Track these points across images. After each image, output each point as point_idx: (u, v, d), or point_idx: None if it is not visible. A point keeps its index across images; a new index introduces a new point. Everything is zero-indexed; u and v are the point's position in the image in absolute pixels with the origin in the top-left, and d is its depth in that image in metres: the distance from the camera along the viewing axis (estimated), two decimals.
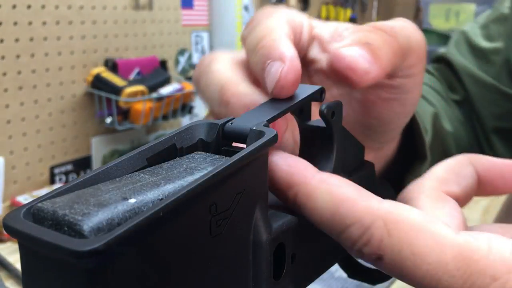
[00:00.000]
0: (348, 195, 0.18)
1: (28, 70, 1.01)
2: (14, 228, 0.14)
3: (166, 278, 0.15)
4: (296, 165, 0.19)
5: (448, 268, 0.16)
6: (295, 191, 0.19)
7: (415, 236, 0.17)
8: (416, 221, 0.17)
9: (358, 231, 0.17)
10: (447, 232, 0.17)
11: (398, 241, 0.17)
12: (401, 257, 0.17)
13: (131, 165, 0.18)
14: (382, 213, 0.17)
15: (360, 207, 0.17)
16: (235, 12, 1.46)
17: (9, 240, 0.89)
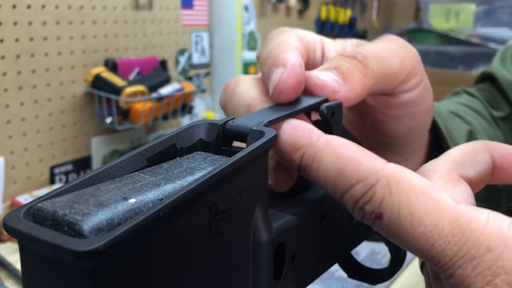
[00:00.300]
0: (353, 155, 0.18)
1: (28, 70, 1.01)
2: (14, 228, 0.14)
3: (166, 278, 0.15)
4: (301, 128, 0.19)
5: (444, 233, 0.17)
6: (301, 153, 0.19)
7: (415, 197, 0.17)
8: (418, 184, 0.18)
9: (362, 189, 0.18)
10: (447, 199, 0.17)
11: (398, 200, 0.17)
12: (399, 216, 0.17)
13: (131, 165, 0.18)
14: (386, 173, 0.18)
15: (365, 166, 0.18)
16: (235, 12, 1.46)
17: (9, 240, 0.89)
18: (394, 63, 0.26)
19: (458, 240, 0.16)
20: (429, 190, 0.17)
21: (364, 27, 2.60)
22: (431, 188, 0.18)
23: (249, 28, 1.68)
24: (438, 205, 0.17)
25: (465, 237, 0.16)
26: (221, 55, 1.51)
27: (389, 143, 0.29)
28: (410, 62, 0.27)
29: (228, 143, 0.21)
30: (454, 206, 0.17)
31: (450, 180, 0.20)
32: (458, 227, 0.16)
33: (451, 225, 0.17)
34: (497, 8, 2.09)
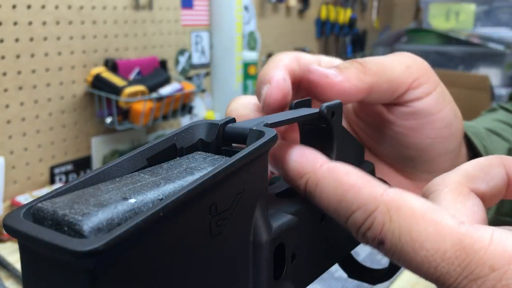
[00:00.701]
0: (354, 183, 0.19)
1: (28, 70, 1.01)
2: (14, 228, 0.14)
3: (166, 278, 0.15)
4: (306, 155, 0.20)
5: (446, 256, 0.17)
6: (305, 179, 0.20)
7: (415, 222, 0.17)
8: (418, 208, 0.18)
9: (362, 215, 0.18)
10: (448, 221, 0.17)
11: (398, 226, 0.18)
12: (401, 242, 0.17)
13: (131, 165, 0.18)
14: (385, 200, 0.18)
15: (365, 193, 0.18)
16: (235, 12, 1.46)
17: (9, 240, 0.89)
18: (397, 68, 0.27)
19: (461, 261, 0.16)
20: (430, 214, 0.18)
21: (364, 27, 2.60)
22: (432, 211, 0.18)
23: (249, 28, 1.68)
24: (440, 228, 0.17)
25: (468, 257, 0.16)
26: (221, 55, 1.51)
27: (414, 158, 0.29)
28: (417, 69, 0.27)
29: (228, 143, 0.21)
30: (456, 228, 0.17)
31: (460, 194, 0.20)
32: (461, 249, 0.17)
33: (454, 248, 0.17)
34: (497, 8, 2.09)
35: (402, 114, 0.28)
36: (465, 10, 2.11)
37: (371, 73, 0.25)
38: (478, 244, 0.17)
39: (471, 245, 0.17)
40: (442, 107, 0.28)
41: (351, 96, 0.25)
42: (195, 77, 1.48)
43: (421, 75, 0.27)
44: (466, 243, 0.17)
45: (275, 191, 0.23)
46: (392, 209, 0.18)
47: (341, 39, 2.35)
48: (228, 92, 1.53)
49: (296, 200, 0.22)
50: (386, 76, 0.26)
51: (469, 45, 1.98)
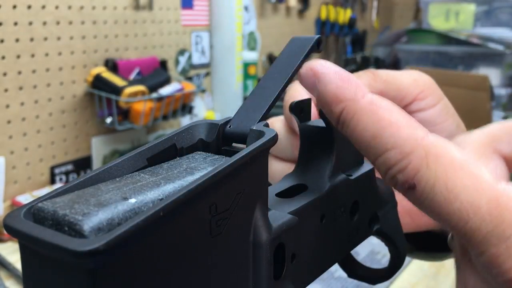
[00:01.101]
0: (394, 120, 0.18)
1: (28, 70, 1.01)
2: (14, 228, 0.14)
3: (166, 278, 0.15)
4: (349, 81, 0.19)
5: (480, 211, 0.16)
6: (343, 106, 0.19)
7: (453, 172, 0.17)
8: (457, 159, 0.17)
9: (397, 156, 0.17)
10: (487, 177, 0.17)
11: (435, 174, 0.17)
12: (434, 190, 0.17)
13: (131, 165, 0.18)
14: (425, 144, 0.17)
15: (405, 133, 0.17)
16: (235, 12, 1.46)
17: (10, 240, 0.89)
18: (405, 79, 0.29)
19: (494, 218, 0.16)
20: (468, 165, 0.17)
21: (364, 27, 2.60)
22: (471, 164, 0.17)
23: (249, 28, 1.68)
24: (477, 183, 0.16)
25: (502, 216, 0.16)
26: (221, 55, 1.51)
27: None
28: (423, 82, 0.30)
29: (228, 143, 0.21)
30: (494, 185, 0.16)
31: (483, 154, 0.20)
32: (496, 206, 0.16)
33: (489, 204, 0.16)
34: (497, 9, 2.09)
35: None
36: (465, 10, 2.11)
37: (381, 81, 0.28)
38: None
39: (507, 204, 0.16)
40: (445, 118, 0.30)
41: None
42: (195, 77, 1.48)
43: (426, 88, 0.29)
44: (502, 200, 0.16)
45: (275, 191, 0.23)
46: (431, 155, 0.17)
47: (341, 39, 2.35)
48: (228, 92, 1.53)
49: (296, 200, 0.22)
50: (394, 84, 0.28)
51: (469, 45, 1.98)
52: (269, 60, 1.85)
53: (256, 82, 1.56)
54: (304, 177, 0.24)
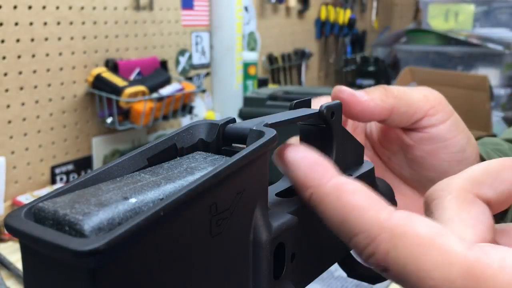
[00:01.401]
0: (358, 204, 0.18)
1: (29, 70, 1.01)
2: (15, 227, 0.14)
3: (167, 278, 0.15)
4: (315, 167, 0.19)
5: (455, 285, 0.16)
6: (310, 192, 0.19)
7: (422, 251, 0.16)
8: (424, 235, 0.17)
9: (364, 241, 0.17)
10: (456, 248, 0.16)
11: (403, 255, 0.17)
12: (406, 271, 0.17)
13: (131, 165, 0.18)
14: (390, 225, 0.17)
15: (368, 217, 0.17)
16: (235, 12, 1.46)
17: (10, 239, 0.89)
18: (416, 95, 0.30)
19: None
20: (436, 240, 0.17)
21: (364, 28, 2.60)
22: (439, 237, 0.17)
23: (249, 28, 1.68)
24: (447, 256, 0.16)
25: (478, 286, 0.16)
26: (221, 55, 1.51)
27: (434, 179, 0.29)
28: (434, 98, 0.30)
29: (228, 143, 0.21)
30: (465, 255, 0.16)
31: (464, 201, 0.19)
32: (469, 278, 0.16)
33: (462, 277, 0.16)
34: (496, 9, 2.09)
35: (420, 139, 0.31)
36: (464, 11, 2.11)
37: (393, 96, 0.28)
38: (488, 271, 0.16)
39: (481, 273, 0.16)
40: (455, 134, 0.31)
41: (375, 114, 0.28)
42: (195, 77, 1.48)
43: (437, 104, 0.30)
44: (475, 271, 0.16)
45: (275, 191, 0.23)
46: (397, 236, 0.17)
47: (340, 39, 2.35)
48: (228, 92, 1.53)
49: (296, 200, 0.22)
50: (406, 100, 0.29)
51: (468, 45, 1.98)
52: (269, 60, 1.85)
53: (256, 82, 1.56)
54: None
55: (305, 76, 2.10)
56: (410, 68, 1.77)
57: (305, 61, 2.07)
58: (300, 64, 2.05)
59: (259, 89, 1.41)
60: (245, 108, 1.24)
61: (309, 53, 2.07)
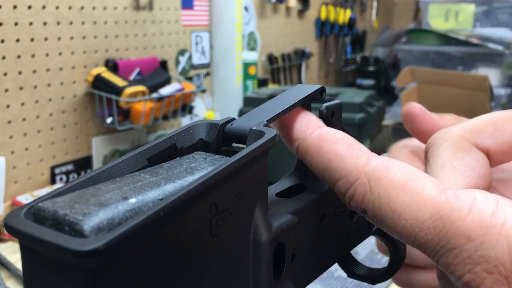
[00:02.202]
0: (338, 152, 0.19)
1: (28, 70, 1.01)
2: (15, 227, 0.14)
3: (167, 278, 0.15)
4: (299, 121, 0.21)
5: (424, 226, 0.17)
6: (297, 145, 0.21)
7: (395, 193, 0.18)
8: (398, 179, 0.18)
9: (345, 185, 0.19)
10: (428, 190, 0.17)
11: (378, 198, 0.18)
12: (381, 212, 0.18)
13: (131, 165, 0.18)
14: (367, 170, 0.18)
15: (347, 164, 0.19)
16: (235, 12, 1.46)
17: (10, 239, 0.89)
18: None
19: (439, 232, 0.17)
20: (410, 184, 0.18)
21: (364, 28, 2.60)
22: (412, 181, 0.18)
23: (249, 28, 1.68)
24: (418, 199, 0.17)
25: (445, 228, 0.16)
26: (221, 55, 1.51)
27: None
28: None
29: (228, 143, 0.21)
30: (435, 197, 0.17)
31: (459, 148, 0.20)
32: (438, 219, 0.17)
33: (432, 218, 0.17)
34: (496, 9, 2.09)
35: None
36: (465, 11, 2.11)
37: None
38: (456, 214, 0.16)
39: (449, 215, 0.16)
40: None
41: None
42: (195, 77, 1.48)
43: None
44: (443, 213, 0.17)
45: (275, 191, 0.23)
46: (372, 180, 0.18)
47: (340, 39, 2.35)
48: (228, 92, 1.53)
49: (296, 200, 0.22)
50: None
51: (469, 45, 1.98)
52: (269, 60, 1.85)
53: (256, 82, 1.56)
54: (304, 177, 0.24)
55: (305, 76, 2.10)
56: (410, 68, 1.77)
57: (305, 61, 2.07)
58: (300, 64, 2.05)
59: (259, 89, 1.41)
60: (245, 108, 1.24)
61: (309, 53, 2.07)
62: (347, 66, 2.37)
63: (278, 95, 0.23)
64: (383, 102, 1.37)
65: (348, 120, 1.17)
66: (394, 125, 1.45)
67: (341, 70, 2.37)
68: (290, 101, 0.22)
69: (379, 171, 0.18)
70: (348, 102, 1.20)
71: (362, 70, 2.34)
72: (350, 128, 1.22)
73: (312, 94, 0.22)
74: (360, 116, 1.19)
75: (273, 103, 0.22)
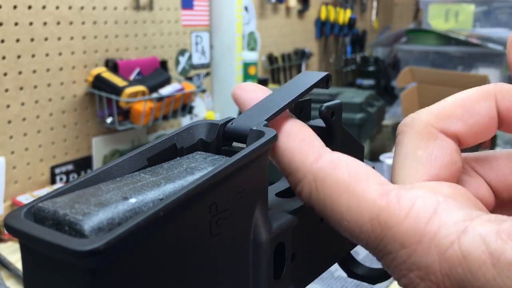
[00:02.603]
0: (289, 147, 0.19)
1: (29, 70, 1.01)
2: (15, 227, 0.14)
3: (167, 278, 0.15)
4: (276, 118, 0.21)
5: (364, 229, 0.17)
6: None
7: (338, 194, 0.18)
8: (342, 180, 0.18)
9: (293, 181, 0.19)
10: (371, 193, 0.17)
11: (323, 198, 0.18)
12: (326, 211, 0.18)
13: (131, 165, 0.18)
14: (314, 169, 0.18)
15: (296, 161, 0.19)
16: (235, 12, 1.47)
17: (10, 239, 0.89)
18: None
19: (377, 236, 0.17)
20: (353, 186, 0.17)
21: (364, 28, 2.60)
22: (356, 183, 0.18)
23: (249, 28, 1.68)
24: (359, 201, 0.17)
25: (383, 232, 0.17)
26: (221, 55, 1.51)
27: None
28: None
29: (228, 143, 0.21)
30: (376, 201, 0.17)
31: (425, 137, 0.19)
32: (376, 223, 0.17)
33: (371, 222, 0.17)
34: (496, 9, 2.09)
35: None
36: (464, 11, 2.11)
37: None
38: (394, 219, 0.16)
39: (386, 220, 0.16)
40: None
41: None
42: (195, 77, 1.48)
43: None
44: (382, 217, 0.17)
45: (275, 191, 0.23)
46: (318, 180, 0.18)
47: (340, 39, 2.35)
48: (228, 92, 1.53)
49: (296, 200, 0.22)
50: None
51: (469, 45, 1.98)
52: (269, 60, 1.86)
53: (256, 82, 1.56)
54: None
55: None
56: (410, 68, 1.77)
57: (305, 61, 2.07)
58: (300, 64, 2.05)
59: None
60: None
61: (309, 53, 2.07)
62: (347, 66, 2.37)
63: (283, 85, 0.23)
64: (383, 102, 1.37)
65: (348, 120, 1.17)
66: (394, 125, 1.45)
67: (341, 70, 2.37)
68: (293, 93, 0.21)
69: (325, 170, 0.18)
70: (348, 102, 1.20)
71: (362, 70, 2.34)
72: (350, 128, 1.22)
73: (317, 83, 0.22)
74: (360, 116, 1.19)
75: (276, 96, 0.22)
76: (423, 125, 0.20)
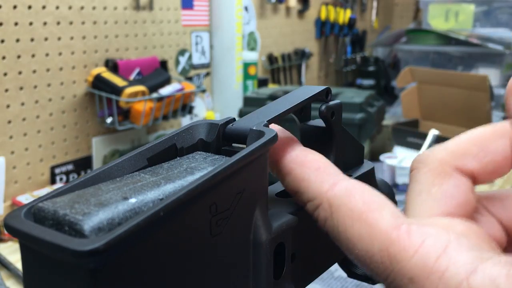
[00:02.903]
0: (306, 176, 0.20)
1: (28, 70, 1.01)
2: (15, 227, 0.14)
3: (167, 278, 0.15)
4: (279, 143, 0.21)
5: (373, 259, 0.17)
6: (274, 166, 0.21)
7: (351, 223, 0.18)
8: (356, 209, 0.18)
9: (310, 208, 0.20)
10: (383, 224, 0.17)
11: (337, 225, 0.18)
12: (339, 238, 0.18)
13: (131, 165, 0.18)
14: (329, 196, 0.19)
15: (313, 188, 0.19)
16: (235, 12, 1.47)
17: (10, 239, 0.89)
18: None
19: (386, 268, 0.17)
20: (367, 214, 0.18)
21: (364, 28, 2.60)
22: (370, 212, 0.18)
23: (249, 28, 1.68)
24: (371, 231, 0.17)
25: (392, 265, 0.17)
26: (221, 55, 1.51)
27: None
28: None
29: (228, 143, 0.21)
30: (388, 232, 0.17)
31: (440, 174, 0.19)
32: (386, 256, 0.17)
33: (381, 253, 0.17)
34: (496, 9, 2.09)
35: None
36: (464, 11, 2.11)
37: None
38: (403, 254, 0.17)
39: (395, 254, 0.17)
40: None
41: None
42: (195, 77, 1.48)
43: None
44: (391, 250, 0.17)
45: (275, 191, 0.23)
46: (333, 207, 0.19)
47: (340, 39, 2.35)
48: (228, 92, 1.53)
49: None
50: None
51: (469, 45, 1.98)
52: (269, 60, 1.86)
53: (256, 82, 1.56)
54: None
55: (305, 76, 2.10)
56: (410, 68, 1.77)
57: (305, 61, 2.07)
58: (300, 64, 2.05)
59: (259, 89, 1.41)
60: (245, 108, 1.24)
61: (309, 53, 2.07)
62: (347, 66, 2.37)
63: (283, 96, 0.23)
64: (383, 102, 1.37)
65: (348, 120, 1.17)
66: (394, 125, 1.45)
67: (341, 70, 2.37)
68: (293, 102, 0.22)
69: (340, 198, 0.19)
70: (348, 102, 1.20)
71: (362, 70, 2.34)
72: (350, 128, 1.23)
73: (317, 95, 0.22)
74: (360, 116, 1.19)
75: (276, 104, 0.22)
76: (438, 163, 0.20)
